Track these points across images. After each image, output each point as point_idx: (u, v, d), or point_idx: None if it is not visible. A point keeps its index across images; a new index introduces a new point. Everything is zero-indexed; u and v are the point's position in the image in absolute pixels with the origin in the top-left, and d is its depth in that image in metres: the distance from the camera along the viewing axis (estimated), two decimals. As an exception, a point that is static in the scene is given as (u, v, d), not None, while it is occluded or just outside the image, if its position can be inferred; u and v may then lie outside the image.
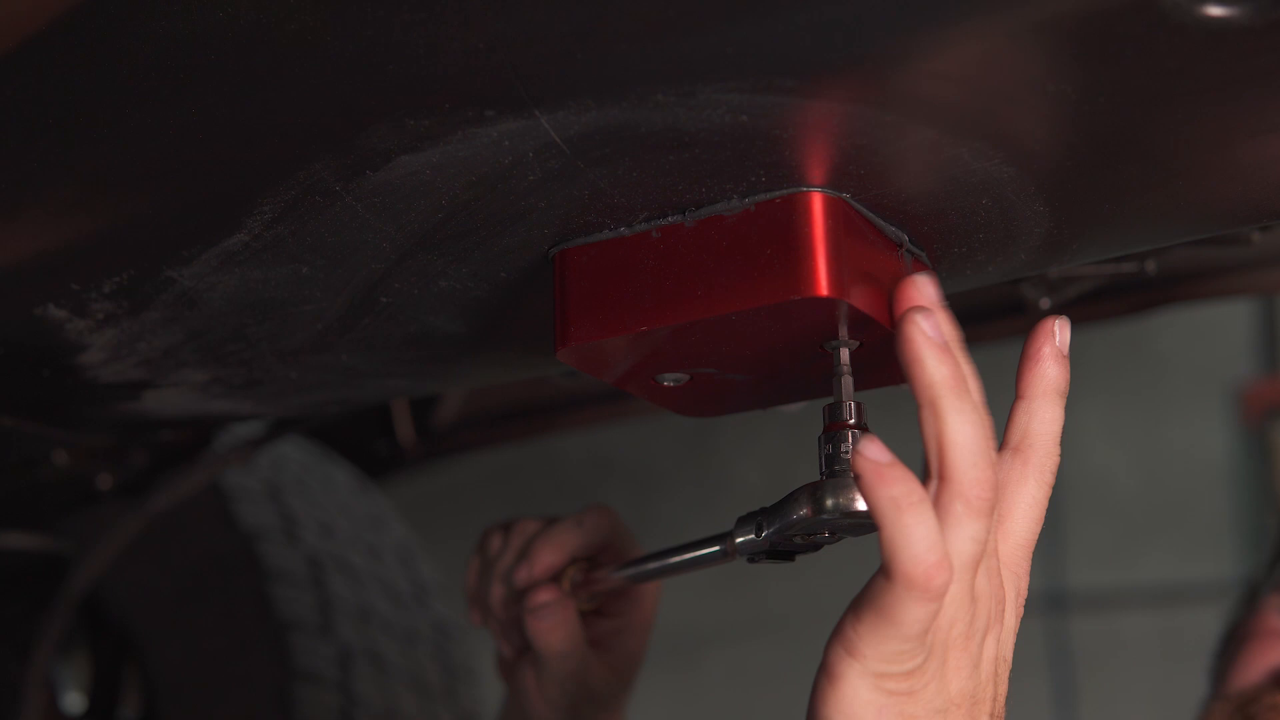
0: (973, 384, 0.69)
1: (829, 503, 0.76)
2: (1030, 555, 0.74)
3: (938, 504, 0.66)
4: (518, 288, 0.83)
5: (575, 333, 0.76)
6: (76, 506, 1.66)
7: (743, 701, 4.31)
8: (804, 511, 0.77)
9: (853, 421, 0.76)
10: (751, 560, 0.87)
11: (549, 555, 1.05)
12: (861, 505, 0.75)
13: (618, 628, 1.08)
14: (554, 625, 1.03)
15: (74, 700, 2.03)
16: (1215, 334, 4.31)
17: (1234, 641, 1.27)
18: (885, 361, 0.79)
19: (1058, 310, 1.29)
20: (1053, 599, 4.22)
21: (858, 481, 0.65)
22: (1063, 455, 0.78)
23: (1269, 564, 1.35)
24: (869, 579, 0.67)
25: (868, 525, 0.78)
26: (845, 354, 0.77)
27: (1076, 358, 0.75)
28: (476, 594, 1.13)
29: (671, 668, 4.33)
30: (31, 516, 1.75)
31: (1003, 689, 0.72)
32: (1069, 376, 0.75)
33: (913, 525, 0.63)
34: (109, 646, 1.99)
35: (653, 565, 0.99)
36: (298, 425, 1.53)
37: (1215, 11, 0.55)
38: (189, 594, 1.91)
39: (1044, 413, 0.74)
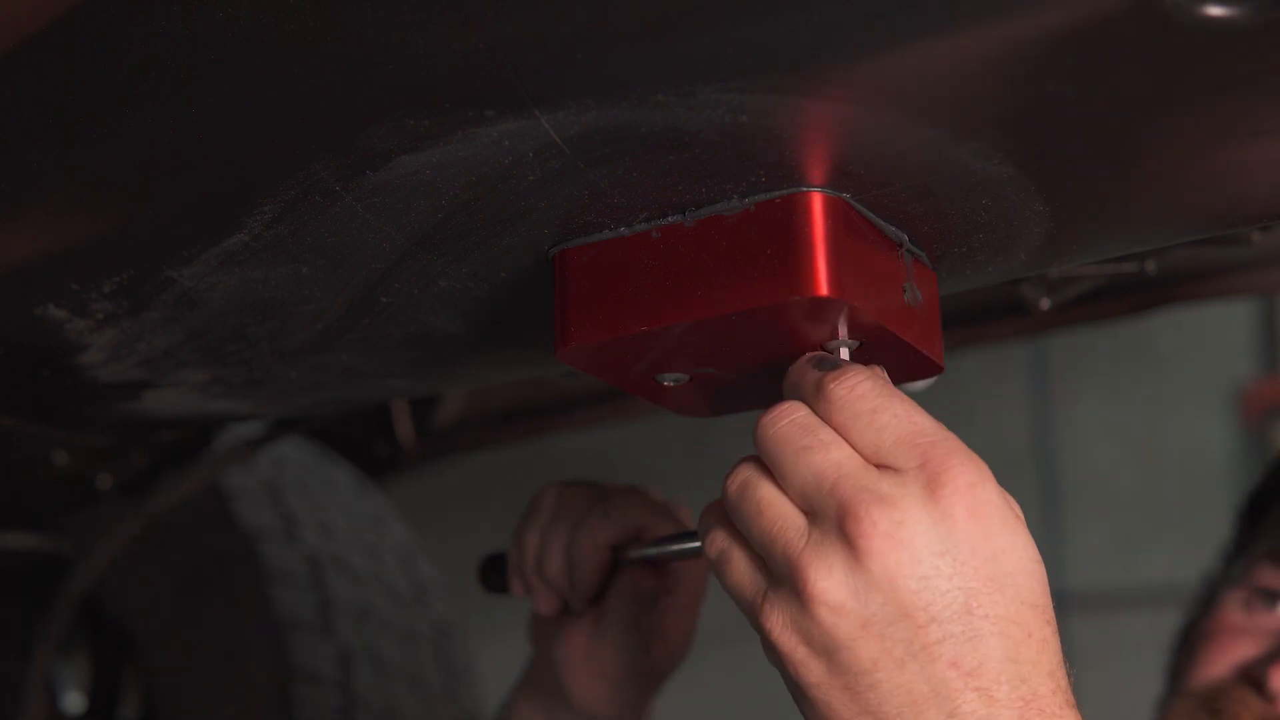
0: None
1: None
2: None
3: None
4: (518, 288, 0.83)
5: (575, 333, 0.76)
6: (76, 506, 1.66)
7: (743, 701, 4.31)
8: None
9: (853, 421, 0.76)
10: None
11: (591, 555, 1.03)
12: None
13: (668, 606, 1.07)
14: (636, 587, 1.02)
15: (74, 700, 2.03)
16: (1215, 334, 4.31)
17: (1192, 639, 1.28)
18: (885, 361, 0.79)
19: (1058, 310, 1.29)
20: (1053, 599, 4.21)
21: None
22: (1063, 455, 0.78)
23: (1226, 560, 1.36)
24: None
25: None
26: (845, 354, 0.77)
27: (1076, 358, 0.76)
28: (523, 560, 1.09)
29: (671, 668, 4.34)
30: (31, 516, 1.75)
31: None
32: None
33: None
34: (109, 646, 1.99)
35: (669, 548, 1.00)
36: (298, 425, 1.53)
37: (1215, 11, 0.55)
38: (189, 594, 1.91)
39: None
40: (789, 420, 0.71)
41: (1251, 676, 1.18)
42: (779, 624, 0.70)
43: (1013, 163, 0.68)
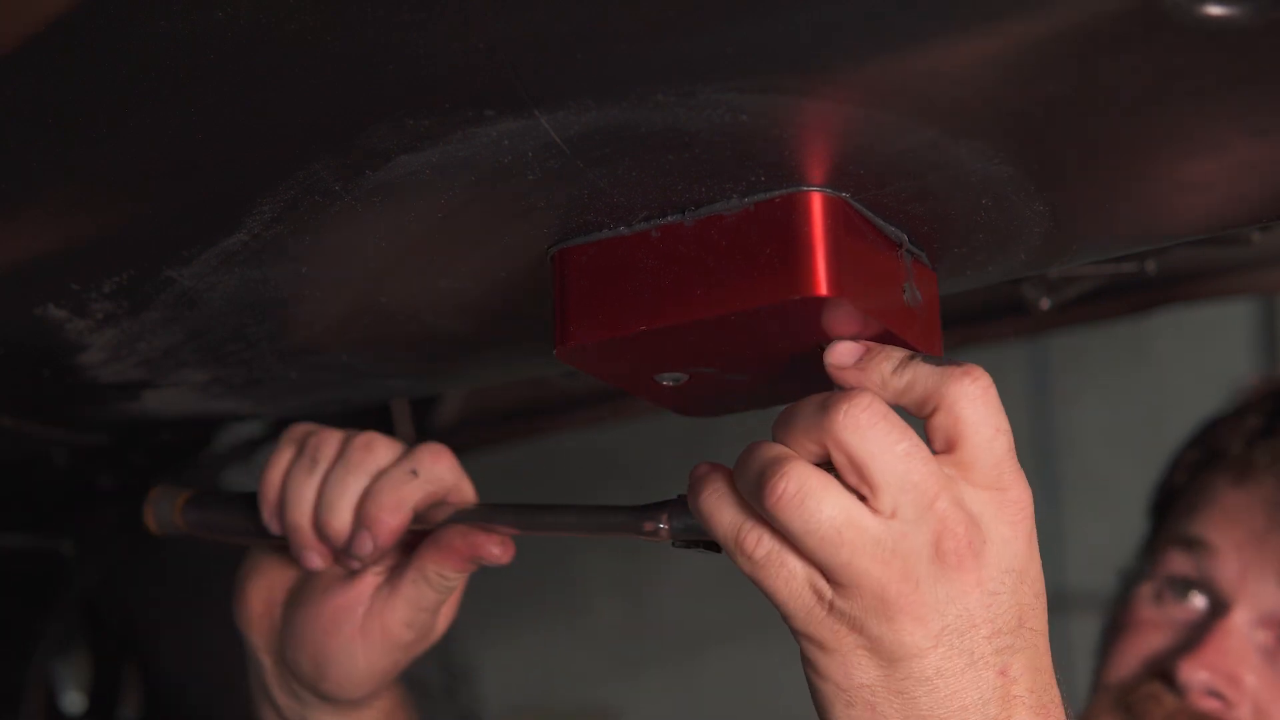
0: None
1: None
2: None
3: None
4: (518, 288, 0.83)
5: (575, 333, 0.76)
6: (76, 506, 1.66)
7: (743, 701, 4.31)
8: None
9: (852, 421, 0.76)
10: (683, 545, 0.83)
11: (391, 518, 0.93)
12: None
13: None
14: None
15: (74, 700, 2.03)
16: (1215, 334, 4.30)
17: (1109, 636, 1.28)
18: (885, 361, 0.79)
19: (1058, 310, 1.30)
20: (1053, 599, 4.20)
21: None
22: (1063, 455, 0.79)
23: (1140, 555, 1.36)
24: None
25: None
26: (845, 354, 0.77)
27: (1076, 358, 0.76)
28: (291, 510, 0.96)
29: (671, 667, 4.33)
30: (31, 516, 1.75)
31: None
32: None
33: None
34: (109, 646, 1.99)
35: (557, 519, 0.92)
36: (298, 425, 1.52)
37: (1215, 11, 0.55)
38: (189, 594, 1.91)
39: None
40: (884, 417, 0.70)
41: (1162, 670, 1.18)
42: (842, 628, 0.70)
43: (1013, 163, 0.68)
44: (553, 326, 0.77)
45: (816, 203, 0.70)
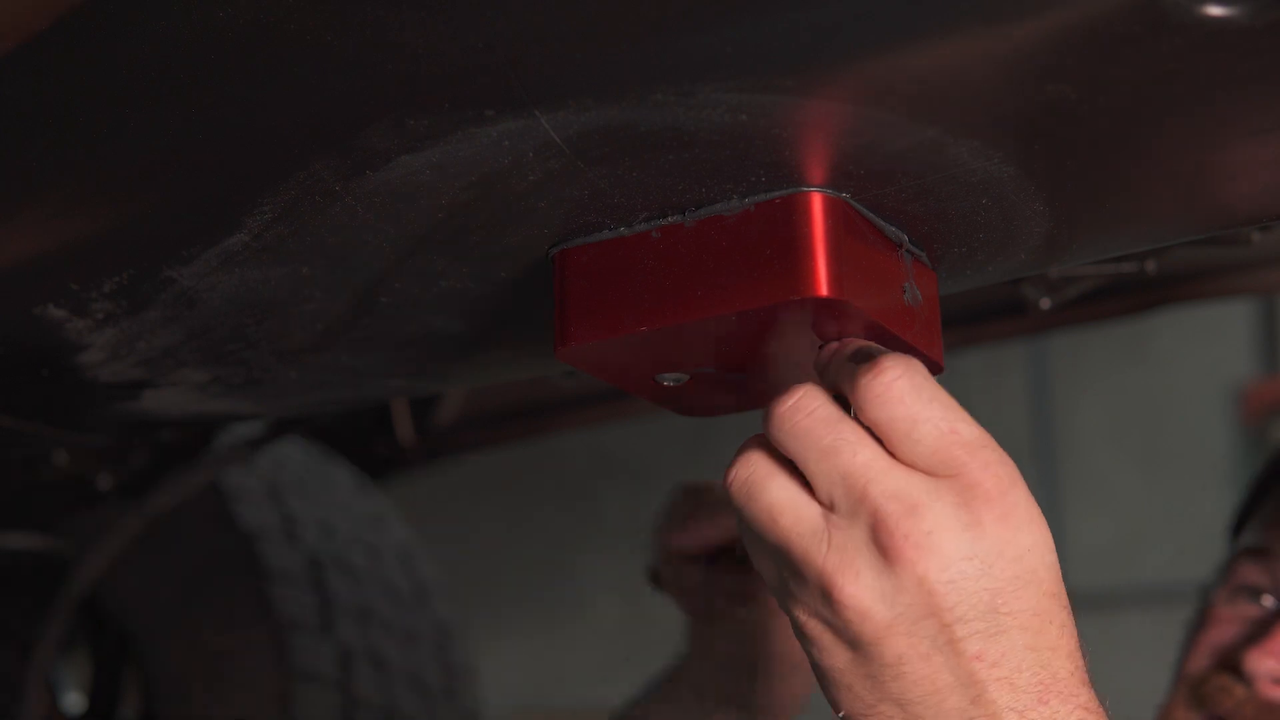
0: None
1: None
2: None
3: None
4: (518, 288, 0.83)
5: (575, 333, 0.76)
6: (76, 506, 1.66)
7: (743, 701, 4.32)
8: None
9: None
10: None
11: (669, 564, 1.12)
12: None
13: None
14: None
15: (74, 700, 2.03)
16: (1215, 334, 4.31)
17: (1187, 637, 1.33)
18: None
19: (1058, 310, 1.30)
20: (1052, 599, 4.18)
21: None
22: (1063, 455, 0.78)
23: (1218, 570, 1.41)
24: None
25: None
26: (844, 354, 0.77)
27: (1076, 358, 0.75)
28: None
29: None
30: (31, 516, 1.75)
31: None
32: None
33: None
34: (109, 646, 1.99)
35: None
36: (298, 425, 1.53)
37: (1215, 11, 0.55)
38: (189, 594, 1.91)
39: None
40: (808, 415, 0.70)
41: (1230, 663, 1.21)
42: (804, 613, 0.71)
43: (1013, 162, 0.68)
44: (553, 326, 0.77)
45: (817, 203, 0.70)
